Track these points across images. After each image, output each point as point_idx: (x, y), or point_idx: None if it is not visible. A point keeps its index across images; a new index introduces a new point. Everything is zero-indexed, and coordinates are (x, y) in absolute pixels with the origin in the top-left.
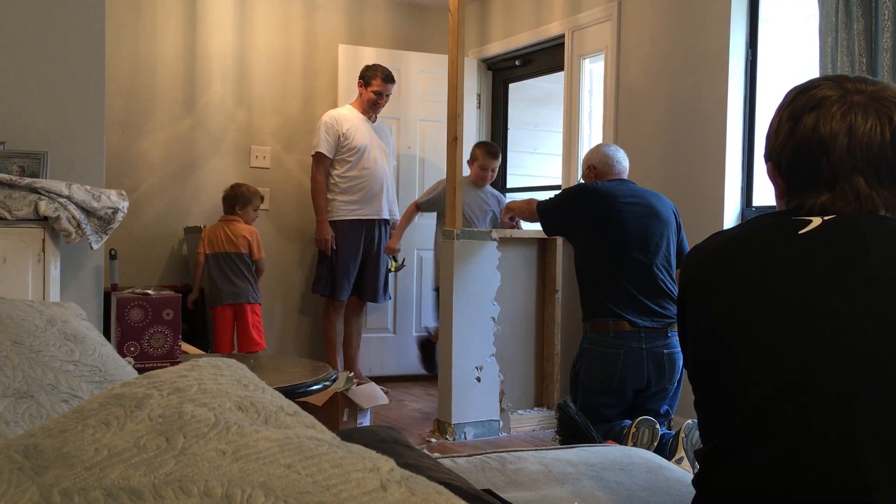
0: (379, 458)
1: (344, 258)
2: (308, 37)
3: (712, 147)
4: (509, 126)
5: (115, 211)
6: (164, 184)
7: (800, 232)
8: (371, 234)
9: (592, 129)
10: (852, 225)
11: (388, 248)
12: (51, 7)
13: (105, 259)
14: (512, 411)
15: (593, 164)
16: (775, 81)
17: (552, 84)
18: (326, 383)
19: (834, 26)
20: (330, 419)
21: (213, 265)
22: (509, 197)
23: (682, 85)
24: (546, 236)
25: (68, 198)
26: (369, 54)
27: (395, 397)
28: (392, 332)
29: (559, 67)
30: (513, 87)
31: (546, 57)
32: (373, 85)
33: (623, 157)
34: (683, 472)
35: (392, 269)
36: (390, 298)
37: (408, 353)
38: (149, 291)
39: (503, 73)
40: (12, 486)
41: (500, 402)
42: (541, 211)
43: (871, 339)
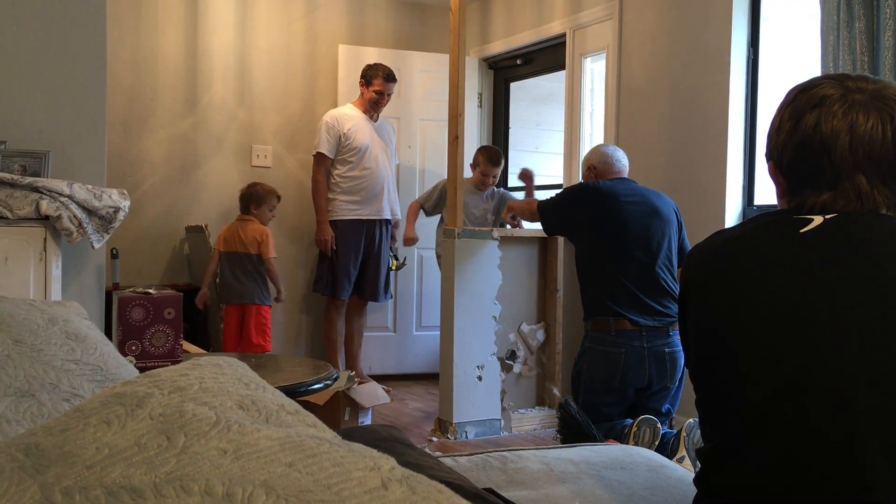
0: (380, 457)
1: (344, 258)
2: (309, 36)
3: (714, 146)
4: (510, 125)
5: (117, 210)
6: (166, 183)
7: (801, 231)
8: (372, 233)
9: (594, 128)
10: (853, 223)
11: (406, 239)
12: (52, 6)
13: (106, 258)
14: (513, 410)
15: (593, 165)
16: (777, 80)
17: (553, 83)
18: (328, 382)
19: (835, 25)
20: (331, 418)
21: (224, 264)
22: (511, 194)
23: (684, 84)
24: (547, 236)
25: (70, 197)
26: (370, 54)
27: (397, 396)
28: (392, 332)
29: (560, 66)
30: (514, 86)
31: (547, 56)
32: (374, 84)
33: (622, 157)
34: (685, 471)
35: (394, 267)
36: (391, 298)
37: (408, 352)
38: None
39: (504, 72)
40: (14, 485)
41: (502, 401)
42: (541, 210)
43: (873, 338)
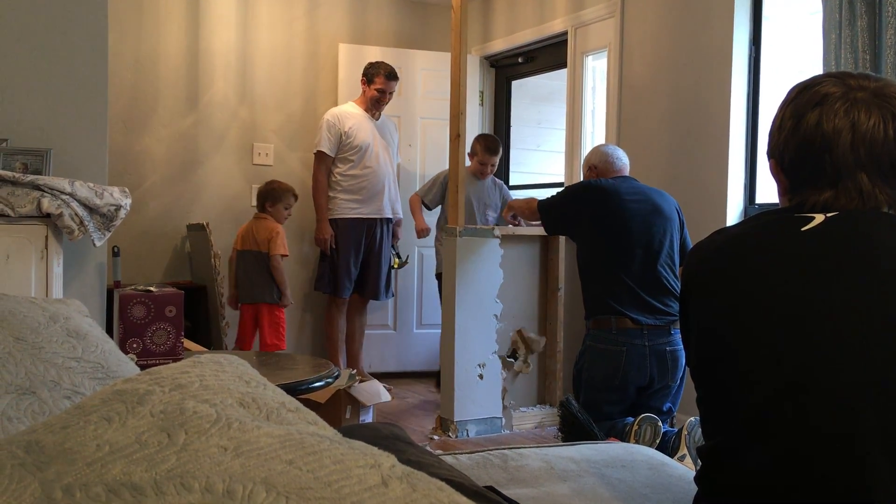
0: (380, 455)
1: (345, 256)
2: (310, 34)
3: (715, 144)
4: (512, 123)
5: (118, 208)
6: (167, 181)
7: (802, 229)
8: (373, 232)
9: (595, 127)
10: (855, 222)
11: (420, 230)
12: (54, 5)
13: (108, 256)
14: (514, 409)
15: (594, 164)
16: (778, 78)
17: (555, 81)
18: (329, 380)
19: (837, 23)
20: (333, 416)
21: (239, 262)
22: (512, 195)
23: (686, 82)
24: (548, 235)
25: (71, 195)
26: (371, 52)
27: (398, 394)
28: (393, 329)
29: (562, 64)
30: (515, 84)
31: (549, 54)
32: (376, 82)
33: (623, 156)
34: (686, 469)
35: (395, 266)
36: (392, 296)
37: (409, 350)
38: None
39: (506, 70)
40: (14, 482)
41: (503, 399)
42: (542, 209)
43: (874, 337)
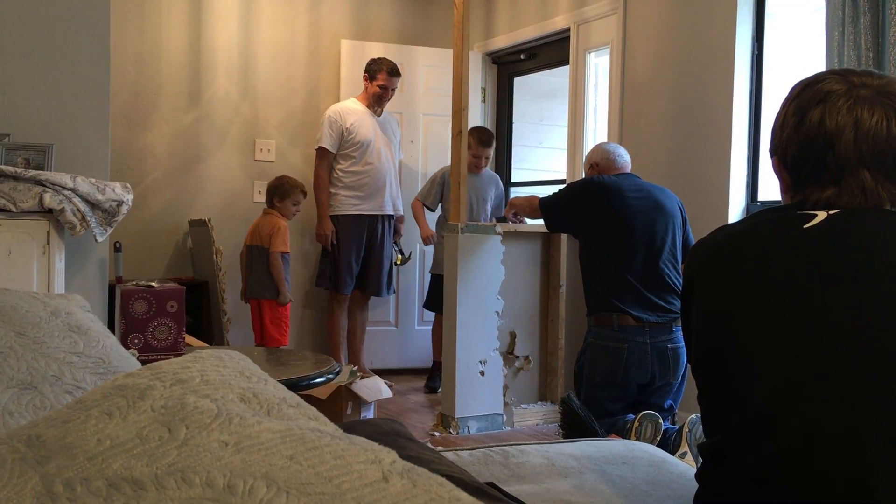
0: (381, 450)
1: (346, 253)
2: (312, 31)
3: (718, 141)
4: (514, 120)
5: (120, 203)
6: (169, 177)
7: (805, 226)
8: (374, 228)
9: (597, 124)
10: (857, 219)
11: (426, 237)
12: (56, 1)
13: (110, 251)
14: (515, 405)
15: (596, 162)
16: (781, 76)
17: (557, 78)
18: (330, 376)
19: (841, 20)
20: (334, 412)
21: (247, 257)
22: (514, 191)
23: (688, 79)
24: (549, 232)
25: (73, 190)
26: (373, 48)
27: (399, 391)
28: (394, 326)
29: (564, 61)
30: (518, 81)
31: (551, 51)
32: (378, 79)
33: (624, 153)
34: (686, 466)
35: (398, 262)
36: (394, 293)
37: (410, 347)
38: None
39: (508, 66)
40: (15, 476)
41: (504, 395)
42: (543, 206)
43: (877, 333)
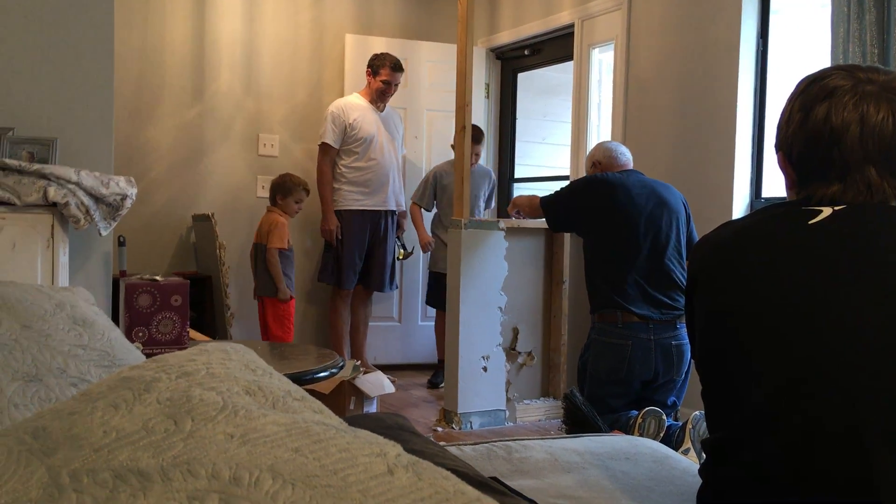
0: (386, 444)
1: (349, 248)
2: (316, 25)
3: (722, 138)
4: (518, 116)
5: (124, 198)
6: (173, 171)
7: (810, 222)
8: (377, 224)
9: (601, 120)
10: (863, 215)
11: (424, 244)
12: None
13: (113, 245)
14: (518, 401)
15: (598, 161)
16: (786, 72)
17: (561, 74)
18: (333, 370)
19: (846, 16)
20: (336, 407)
21: (253, 256)
22: (517, 187)
23: (693, 75)
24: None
25: (77, 184)
26: (377, 43)
27: (401, 386)
28: (398, 321)
29: (568, 57)
30: (521, 76)
31: (555, 46)
32: (381, 74)
33: (626, 151)
34: (690, 462)
35: (400, 256)
36: (396, 288)
37: (413, 342)
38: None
39: (512, 62)
40: (21, 467)
41: (507, 391)
42: (545, 205)
43: (881, 330)
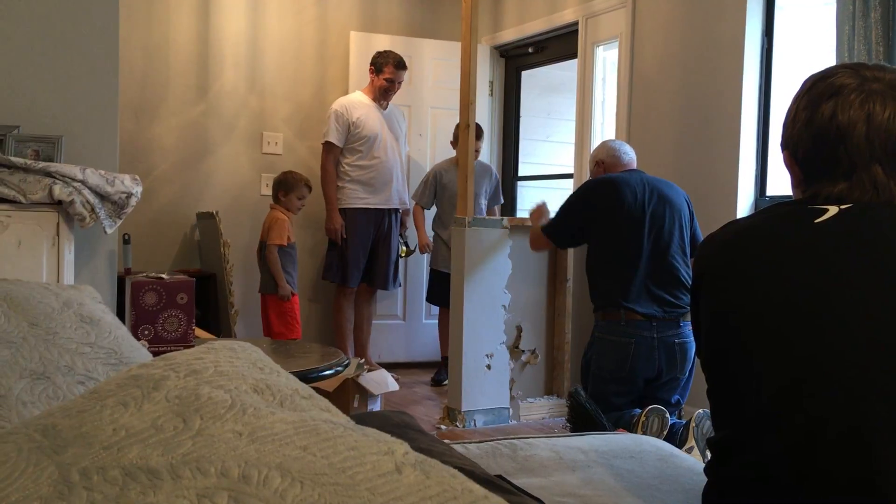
0: (394, 442)
1: (354, 246)
2: (321, 23)
3: (726, 136)
4: (521, 114)
5: (129, 195)
6: (177, 169)
7: (816, 221)
8: (381, 222)
9: (605, 118)
10: (869, 214)
11: (423, 246)
12: None
13: (118, 243)
14: (522, 399)
15: (601, 160)
16: (791, 70)
17: (565, 72)
18: (339, 368)
19: (851, 15)
20: (340, 405)
21: (259, 253)
22: (521, 186)
23: (697, 73)
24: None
25: (82, 182)
26: (382, 41)
27: (405, 384)
28: (402, 320)
29: (572, 55)
30: (525, 74)
31: (559, 44)
32: (384, 72)
33: (630, 150)
34: (694, 460)
35: (403, 254)
36: (400, 286)
37: (417, 340)
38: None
39: (516, 60)
40: (31, 465)
41: (511, 389)
42: (549, 229)
43: (886, 329)
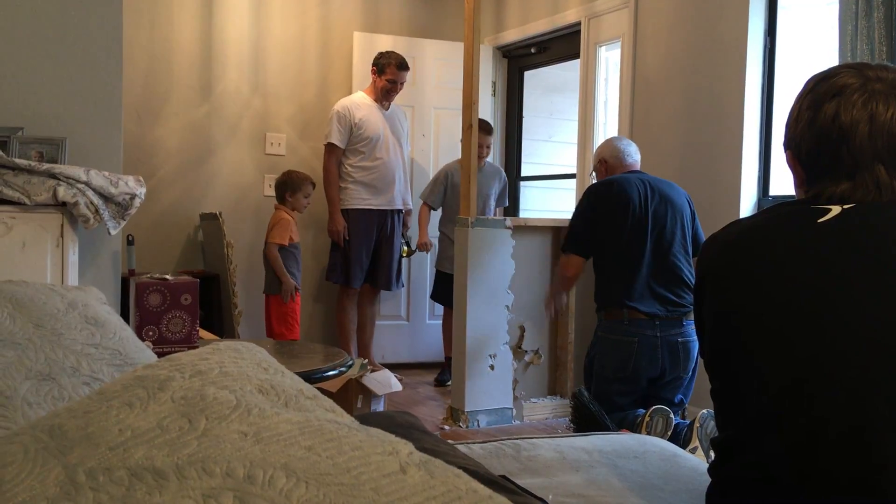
0: (398, 442)
1: (357, 246)
2: (323, 24)
3: (729, 136)
4: (524, 114)
5: (133, 197)
6: (181, 170)
7: (819, 221)
8: (384, 223)
9: (608, 118)
10: (872, 213)
11: (421, 244)
12: None
13: (122, 245)
14: (525, 399)
15: (604, 158)
16: (794, 70)
17: (568, 72)
18: (342, 369)
19: (854, 14)
20: (344, 405)
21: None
22: (523, 186)
23: (700, 73)
24: (561, 227)
25: (86, 183)
26: (385, 41)
27: (409, 384)
28: (406, 320)
29: (575, 55)
30: (528, 74)
31: (562, 44)
32: (387, 73)
33: (635, 151)
34: (698, 460)
35: (405, 254)
36: (403, 286)
37: (421, 341)
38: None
39: (518, 60)
40: (38, 466)
41: (514, 390)
42: (571, 246)
43: (888, 329)
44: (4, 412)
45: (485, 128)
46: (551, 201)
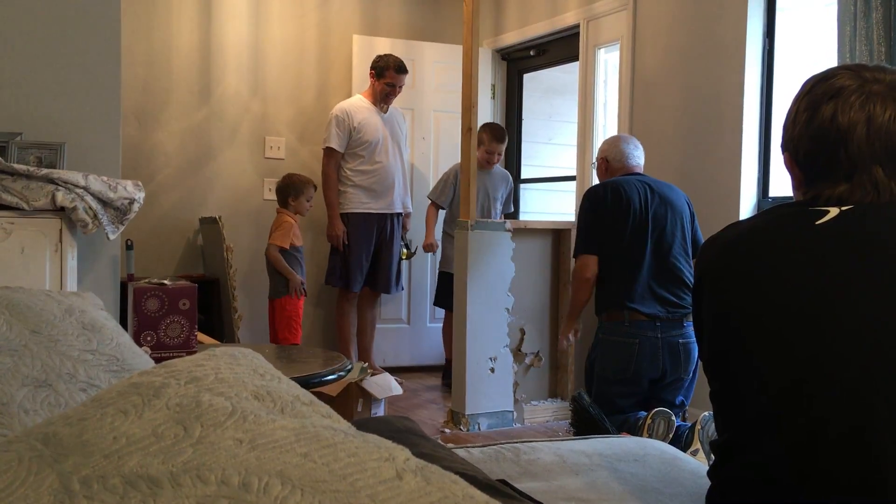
0: (394, 448)
1: (356, 250)
2: (322, 27)
3: (728, 137)
4: (524, 116)
5: (132, 201)
6: (180, 175)
7: (817, 222)
8: (383, 226)
9: (607, 120)
10: (869, 215)
11: (427, 245)
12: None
13: (121, 249)
14: (525, 402)
15: (606, 158)
16: (792, 71)
17: (567, 74)
18: (341, 373)
19: (852, 15)
20: (344, 409)
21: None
22: (523, 189)
23: (699, 75)
24: (561, 229)
25: (85, 188)
26: (384, 44)
27: (409, 388)
28: (406, 323)
29: (574, 57)
30: (527, 77)
31: (561, 47)
32: (385, 76)
33: (640, 153)
34: (699, 463)
35: (404, 256)
36: (403, 289)
37: (422, 344)
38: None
39: (518, 63)
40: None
41: (514, 392)
42: (582, 250)
43: (887, 330)
44: (1, 419)
45: (498, 136)
46: (551, 204)
